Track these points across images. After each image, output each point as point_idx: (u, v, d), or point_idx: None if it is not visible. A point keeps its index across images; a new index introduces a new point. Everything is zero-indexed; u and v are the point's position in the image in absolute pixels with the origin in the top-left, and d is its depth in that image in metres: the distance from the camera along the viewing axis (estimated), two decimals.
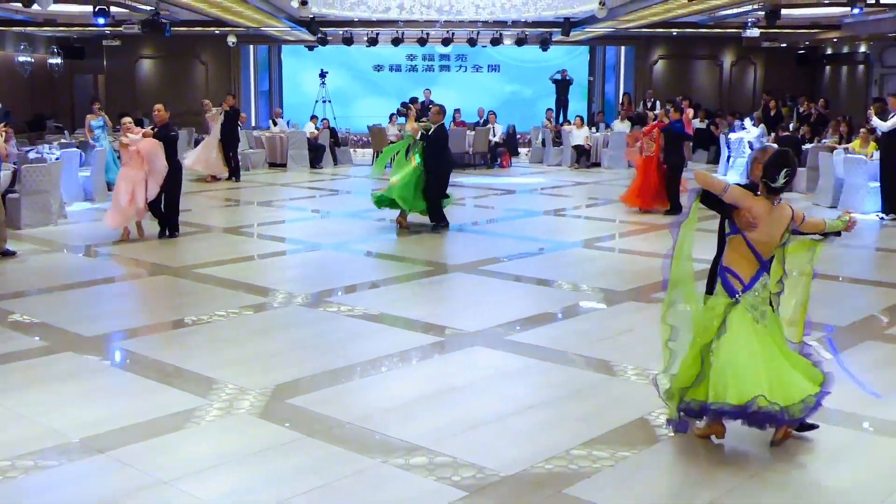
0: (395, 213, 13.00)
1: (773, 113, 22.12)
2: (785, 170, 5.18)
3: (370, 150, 23.32)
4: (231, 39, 24.36)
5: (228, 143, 18.74)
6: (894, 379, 6.67)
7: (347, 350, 7.36)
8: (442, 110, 13.18)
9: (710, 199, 5.33)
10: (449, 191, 13.28)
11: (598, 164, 21.98)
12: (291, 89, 27.64)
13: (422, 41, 24.19)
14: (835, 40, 24.16)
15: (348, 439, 5.52)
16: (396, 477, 5.02)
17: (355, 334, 7.83)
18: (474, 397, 6.28)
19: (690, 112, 21.96)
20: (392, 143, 17.54)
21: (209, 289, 9.47)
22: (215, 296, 9.12)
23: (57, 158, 13.97)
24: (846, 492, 4.89)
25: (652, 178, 14.40)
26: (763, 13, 16.87)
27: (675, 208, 14.18)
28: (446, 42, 24.56)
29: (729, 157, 19.98)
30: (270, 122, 23.61)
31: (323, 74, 24.59)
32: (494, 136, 22.29)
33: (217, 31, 23.79)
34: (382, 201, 12.99)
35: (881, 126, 13.74)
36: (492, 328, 7.91)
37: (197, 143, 21.02)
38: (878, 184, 14.07)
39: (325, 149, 21.96)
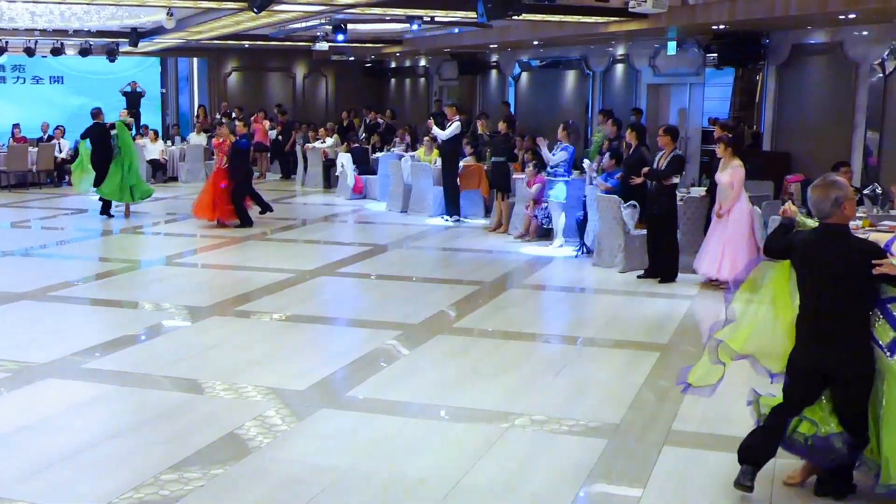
0: None
1: (345, 124, 23.08)
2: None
3: None
4: None
5: None
6: (464, 368, 7.23)
7: None
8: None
9: None
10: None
11: (175, 179, 21.51)
12: None
13: None
14: (398, 54, 25.67)
15: None
16: None
17: None
18: (50, 434, 5.85)
19: (266, 123, 22.26)
20: None
21: None
22: None
23: None
24: (425, 480, 5.17)
25: (221, 190, 14.32)
26: (330, 27, 17.48)
27: (245, 221, 14.33)
28: None
29: (306, 168, 20.50)
30: None
31: None
32: (61, 152, 20.90)
33: None
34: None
35: (440, 135, 14.82)
36: (66, 357, 7.40)
37: None
38: (441, 188, 15.19)
39: None
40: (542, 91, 21.99)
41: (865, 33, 13.80)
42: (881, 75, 13.54)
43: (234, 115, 22.78)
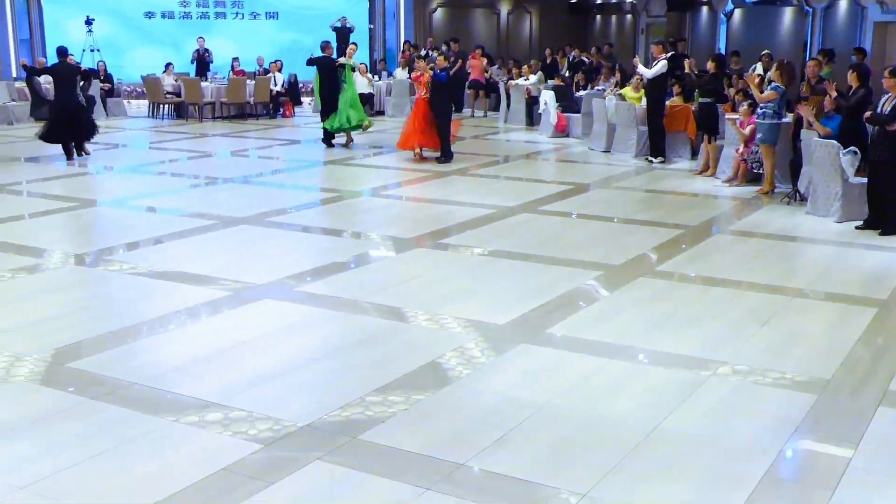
0: None
1: (549, 61, 22.88)
2: None
3: (145, 102, 22.34)
4: None
5: None
6: (665, 312, 7.12)
7: (132, 309, 7.09)
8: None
9: None
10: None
11: (381, 113, 22.03)
12: (55, 37, 25.90)
13: None
14: None
15: (137, 400, 5.33)
16: (190, 434, 4.90)
17: (140, 293, 7.55)
18: (266, 350, 6.21)
19: (484, 61, 22.31)
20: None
21: None
22: None
23: None
24: (622, 421, 5.13)
25: (422, 118, 14.59)
26: None
27: (446, 154, 14.51)
28: None
29: (509, 105, 20.52)
30: None
31: (89, 21, 23.22)
32: (276, 85, 21.85)
33: None
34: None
35: (646, 73, 14.44)
36: (281, 280, 7.82)
37: None
38: (645, 129, 14.86)
39: (95, 100, 20.79)
40: (755, 30, 21.03)
41: None
42: None
43: (429, 51, 22.86)
